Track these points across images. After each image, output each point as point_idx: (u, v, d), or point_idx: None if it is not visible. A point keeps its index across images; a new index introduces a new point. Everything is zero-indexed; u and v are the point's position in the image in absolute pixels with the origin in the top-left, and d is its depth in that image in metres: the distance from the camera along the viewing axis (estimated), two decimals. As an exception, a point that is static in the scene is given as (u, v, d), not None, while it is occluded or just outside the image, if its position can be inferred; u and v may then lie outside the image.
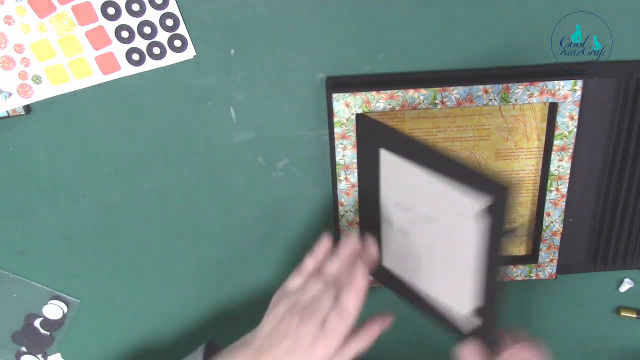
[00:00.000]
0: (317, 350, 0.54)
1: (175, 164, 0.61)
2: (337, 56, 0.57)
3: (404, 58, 0.57)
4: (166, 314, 0.70)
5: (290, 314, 0.56)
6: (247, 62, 0.56)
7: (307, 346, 0.54)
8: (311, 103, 0.59)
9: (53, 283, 0.67)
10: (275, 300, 0.59)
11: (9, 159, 0.60)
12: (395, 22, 0.55)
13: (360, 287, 0.55)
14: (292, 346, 0.54)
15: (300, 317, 0.55)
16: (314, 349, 0.54)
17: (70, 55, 0.55)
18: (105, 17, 0.53)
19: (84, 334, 0.70)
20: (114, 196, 0.62)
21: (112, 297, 0.68)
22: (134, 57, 0.55)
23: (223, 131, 0.60)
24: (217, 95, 0.58)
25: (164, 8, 0.54)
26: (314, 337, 0.54)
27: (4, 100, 0.56)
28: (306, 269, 0.59)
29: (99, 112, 0.58)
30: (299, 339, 0.54)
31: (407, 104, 0.57)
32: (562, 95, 0.56)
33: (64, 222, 0.63)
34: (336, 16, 0.55)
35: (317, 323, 0.54)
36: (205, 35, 0.55)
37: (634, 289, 0.71)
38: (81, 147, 0.60)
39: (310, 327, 0.54)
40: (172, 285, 0.68)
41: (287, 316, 0.56)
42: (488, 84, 0.56)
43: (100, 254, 0.65)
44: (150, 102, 0.58)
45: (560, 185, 0.61)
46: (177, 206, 0.63)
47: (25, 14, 0.53)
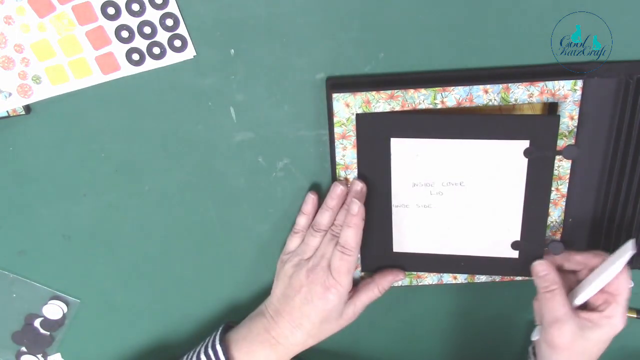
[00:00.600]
0: (330, 294, 0.57)
1: (175, 164, 0.61)
2: (337, 56, 0.57)
3: (404, 58, 0.57)
4: (166, 314, 0.70)
5: (298, 270, 0.59)
6: (247, 62, 0.56)
7: (320, 292, 0.57)
8: (311, 103, 0.59)
9: (53, 283, 0.67)
10: (280, 264, 0.63)
11: (9, 159, 0.60)
12: (395, 22, 0.55)
13: (356, 222, 0.58)
14: (307, 297, 0.58)
15: (307, 269, 0.59)
16: (327, 293, 0.57)
17: (70, 55, 0.55)
18: (105, 17, 0.53)
19: (84, 334, 0.70)
20: (114, 196, 0.62)
21: (112, 297, 0.68)
22: (134, 57, 0.55)
23: (223, 131, 0.60)
24: (217, 95, 0.58)
25: (164, 8, 0.54)
26: (324, 282, 0.58)
27: (4, 100, 0.56)
28: (300, 227, 0.62)
29: (99, 112, 0.58)
30: (311, 289, 0.58)
31: (407, 104, 0.57)
32: (562, 95, 0.56)
33: (64, 222, 0.63)
34: (336, 16, 0.55)
35: (325, 268, 0.58)
36: (205, 35, 0.55)
37: (634, 289, 0.71)
38: (81, 147, 0.60)
39: (320, 274, 0.58)
40: (172, 285, 0.68)
41: (295, 273, 0.59)
42: (488, 84, 0.56)
43: (100, 254, 0.65)
44: (150, 102, 0.58)
45: (560, 185, 0.61)
46: (177, 206, 0.63)
47: (25, 14, 0.53)
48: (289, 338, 0.59)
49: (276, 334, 0.60)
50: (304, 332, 0.59)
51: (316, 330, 0.59)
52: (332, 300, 0.58)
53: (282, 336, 0.59)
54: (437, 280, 0.67)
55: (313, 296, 0.58)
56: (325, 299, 0.57)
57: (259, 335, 0.60)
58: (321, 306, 0.58)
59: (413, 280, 0.67)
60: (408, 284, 0.67)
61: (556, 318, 0.56)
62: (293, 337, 0.59)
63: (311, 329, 0.59)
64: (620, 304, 0.56)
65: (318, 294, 0.57)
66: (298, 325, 0.59)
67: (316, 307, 0.58)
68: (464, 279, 0.67)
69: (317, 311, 0.58)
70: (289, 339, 0.59)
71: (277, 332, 0.60)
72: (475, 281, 0.67)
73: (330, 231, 0.60)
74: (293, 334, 0.59)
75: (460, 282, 0.67)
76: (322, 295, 0.57)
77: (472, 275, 0.67)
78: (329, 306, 0.58)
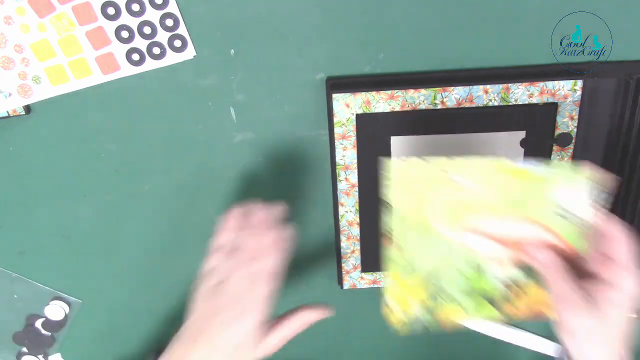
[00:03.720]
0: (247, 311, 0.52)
1: (175, 164, 0.61)
2: (337, 56, 0.57)
3: (404, 58, 0.57)
4: (167, 314, 0.70)
5: (214, 290, 0.54)
6: (247, 62, 0.57)
7: (241, 308, 0.52)
8: (311, 103, 0.59)
9: (52, 283, 0.67)
10: (195, 287, 0.57)
11: (9, 159, 0.60)
12: (395, 22, 0.55)
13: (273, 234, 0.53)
14: (229, 314, 0.53)
15: (224, 286, 0.53)
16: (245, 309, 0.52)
17: (70, 55, 0.55)
18: (105, 17, 0.54)
19: (84, 334, 0.70)
20: (114, 196, 0.62)
21: (111, 297, 0.68)
22: (134, 57, 0.55)
23: (223, 131, 0.60)
24: (217, 95, 0.58)
25: (164, 8, 0.54)
26: (244, 292, 0.52)
27: (4, 100, 0.56)
28: (217, 247, 0.57)
29: (99, 112, 0.58)
30: (229, 305, 0.53)
31: (407, 104, 0.57)
32: (562, 95, 0.56)
33: (64, 222, 0.63)
34: (336, 16, 0.55)
35: (244, 280, 0.53)
36: (205, 35, 0.55)
37: (634, 289, 0.71)
38: (81, 147, 0.60)
39: (239, 285, 0.53)
40: (172, 285, 0.68)
41: (212, 294, 0.54)
42: (488, 84, 0.56)
43: (100, 254, 0.65)
44: (150, 102, 0.58)
45: None
46: (177, 206, 0.63)
47: (25, 14, 0.53)
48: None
49: None
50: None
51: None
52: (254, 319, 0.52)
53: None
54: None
55: (236, 314, 0.53)
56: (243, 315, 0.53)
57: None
58: (246, 324, 0.52)
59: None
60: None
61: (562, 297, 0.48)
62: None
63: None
64: (619, 266, 0.46)
65: (238, 310, 0.53)
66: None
67: (240, 326, 0.52)
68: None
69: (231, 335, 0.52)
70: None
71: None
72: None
73: None
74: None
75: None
76: (245, 310, 0.52)
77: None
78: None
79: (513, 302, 0.54)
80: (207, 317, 0.54)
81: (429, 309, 0.55)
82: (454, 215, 0.51)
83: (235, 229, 0.55)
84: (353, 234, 0.63)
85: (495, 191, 0.50)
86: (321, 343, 0.68)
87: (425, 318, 0.56)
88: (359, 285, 0.67)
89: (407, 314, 0.55)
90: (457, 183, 0.50)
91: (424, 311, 0.55)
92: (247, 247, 0.54)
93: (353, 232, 0.63)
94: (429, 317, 0.55)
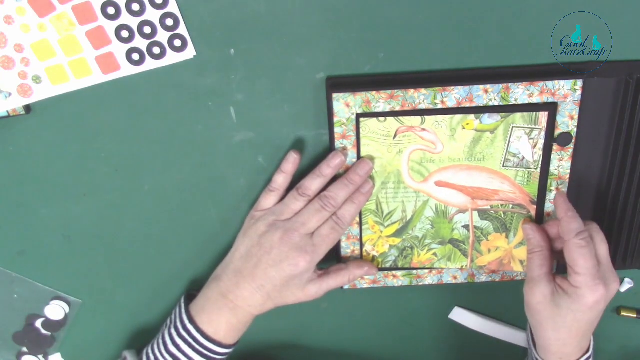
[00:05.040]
0: (301, 259, 0.56)
1: (175, 164, 0.61)
2: (337, 56, 0.57)
3: (404, 58, 0.57)
4: (166, 314, 0.70)
5: (272, 230, 0.57)
6: (247, 62, 0.56)
7: (292, 257, 0.55)
8: (311, 103, 0.59)
9: (52, 283, 0.67)
10: (250, 220, 0.60)
11: (9, 159, 0.60)
12: (395, 22, 0.55)
13: (362, 200, 0.58)
14: (275, 259, 0.56)
15: (283, 230, 0.56)
16: (299, 259, 0.55)
17: (70, 55, 0.55)
18: (105, 17, 0.54)
19: (85, 334, 0.70)
20: (114, 196, 0.62)
21: (111, 297, 0.68)
22: (134, 57, 0.55)
23: (223, 131, 0.60)
24: (217, 95, 0.58)
25: (164, 8, 0.54)
26: (302, 247, 0.56)
27: (4, 100, 0.56)
28: (277, 185, 0.59)
29: (99, 112, 0.58)
30: (282, 251, 0.56)
31: (407, 104, 0.57)
32: (562, 95, 0.56)
33: (64, 222, 0.63)
34: (336, 16, 0.55)
35: (303, 235, 0.56)
36: (205, 35, 0.55)
37: (634, 288, 0.71)
38: (81, 147, 0.60)
39: (296, 239, 0.55)
40: (173, 286, 0.68)
41: (267, 232, 0.57)
42: (488, 84, 0.56)
43: (100, 254, 0.65)
44: (150, 102, 0.58)
45: (560, 185, 0.61)
46: (177, 206, 0.63)
47: (25, 13, 0.53)
48: (247, 300, 0.58)
49: (234, 296, 0.58)
50: (264, 294, 0.57)
51: (277, 294, 0.57)
52: (302, 267, 0.56)
53: (240, 298, 0.58)
54: (437, 280, 0.67)
55: (282, 259, 0.56)
56: (295, 264, 0.56)
57: (216, 302, 0.58)
58: (288, 271, 0.56)
59: (413, 280, 0.67)
60: (408, 283, 0.67)
61: (531, 278, 0.58)
62: (252, 299, 0.58)
63: (272, 292, 0.57)
64: (581, 274, 0.54)
65: (289, 258, 0.56)
66: (259, 287, 0.57)
67: (282, 270, 0.56)
68: (464, 278, 0.67)
69: (282, 275, 0.56)
70: (247, 301, 0.58)
71: (235, 294, 0.58)
72: (475, 281, 0.67)
73: (318, 201, 0.57)
74: (253, 295, 0.57)
75: (461, 282, 0.67)
76: (292, 260, 0.56)
77: (472, 275, 0.67)
78: (296, 272, 0.56)
79: (479, 249, 0.64)
80: (261, 251, 0.57)
81: (402, 253, 0.64)
82: (422, 168, 0.59)
83: (327, 176, 0.58)
84: (353, 234, 0.63)
85: (457, 145, 0.58)
86: (321, 343, 0.68)
87: (398, 260, 0.65)
88: (359, 285, 0.67)
89: (383, 255, 0.64)
90: (423, 138, 0.58)
91: (397, 254, 0.64)
92: (338, 198, 0.57)
93: (353, 232, 0.63)
94: (402, 260, 0.65)
